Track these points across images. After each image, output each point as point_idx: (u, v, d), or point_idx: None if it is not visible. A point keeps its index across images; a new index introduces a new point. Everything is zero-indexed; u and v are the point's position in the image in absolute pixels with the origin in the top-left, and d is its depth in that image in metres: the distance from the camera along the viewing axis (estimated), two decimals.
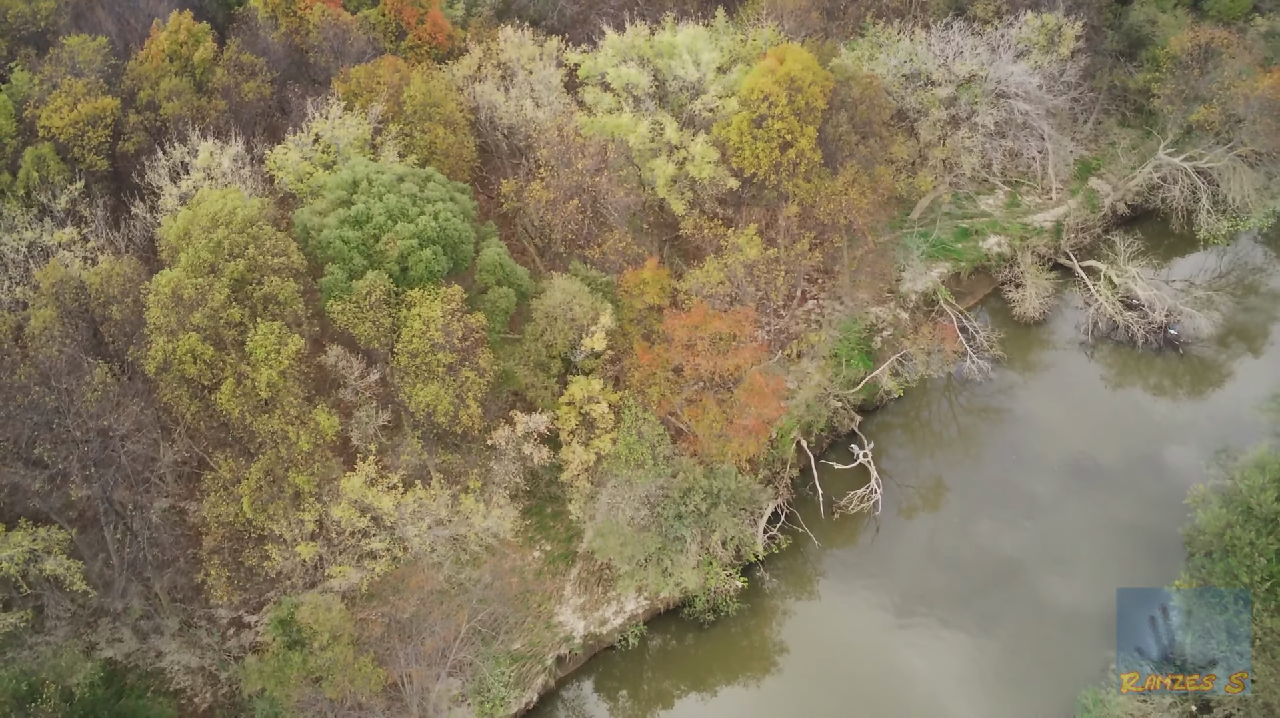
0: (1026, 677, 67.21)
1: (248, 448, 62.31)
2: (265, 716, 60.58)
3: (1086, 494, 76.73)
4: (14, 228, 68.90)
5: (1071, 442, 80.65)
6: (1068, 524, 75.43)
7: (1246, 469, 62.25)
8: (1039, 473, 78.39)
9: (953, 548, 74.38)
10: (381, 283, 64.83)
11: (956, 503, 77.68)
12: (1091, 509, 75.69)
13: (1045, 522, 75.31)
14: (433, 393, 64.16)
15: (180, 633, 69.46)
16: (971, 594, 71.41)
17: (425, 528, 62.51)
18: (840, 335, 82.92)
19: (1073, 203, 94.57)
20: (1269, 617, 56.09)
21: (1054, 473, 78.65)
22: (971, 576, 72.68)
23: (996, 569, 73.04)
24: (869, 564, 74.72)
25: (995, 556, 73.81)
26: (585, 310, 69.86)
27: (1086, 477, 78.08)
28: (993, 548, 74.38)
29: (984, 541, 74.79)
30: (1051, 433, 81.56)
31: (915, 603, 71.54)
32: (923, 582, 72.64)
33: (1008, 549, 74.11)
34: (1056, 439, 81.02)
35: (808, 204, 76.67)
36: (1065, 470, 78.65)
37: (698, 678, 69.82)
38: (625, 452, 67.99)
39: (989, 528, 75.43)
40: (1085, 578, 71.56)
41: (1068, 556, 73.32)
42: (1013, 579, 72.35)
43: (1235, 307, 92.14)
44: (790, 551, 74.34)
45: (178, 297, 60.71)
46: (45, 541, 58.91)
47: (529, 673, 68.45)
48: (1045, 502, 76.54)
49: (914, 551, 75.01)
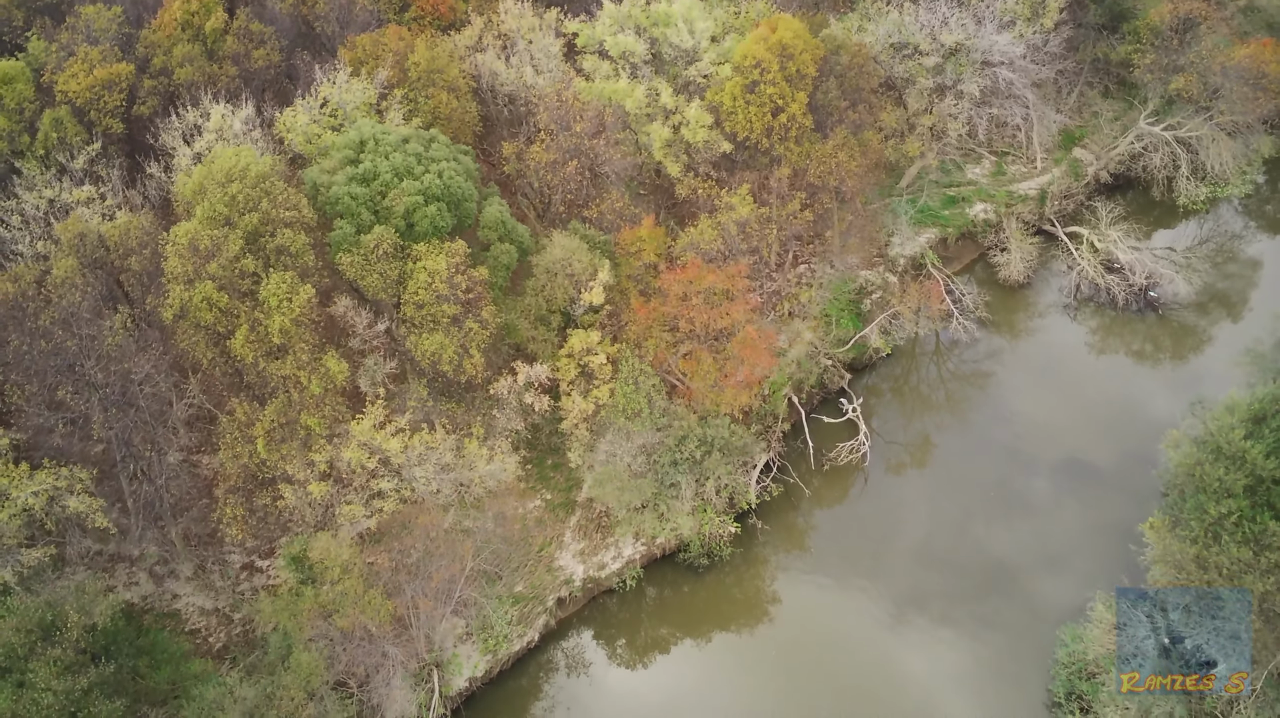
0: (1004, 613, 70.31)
1: (260, 394, 64.97)
2: (278, 649, 63.27)
3: (1069, 451, 79.64)
4: (34, 186, 71.54)
5: (1055, 402, 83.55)
6: (1050, 475, 78.42)
7: (1217, 412, 65.11)
8: (1023, 433, 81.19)
9: (939, 503, 77.23)
10: (388, 237, 67.54)
11: (943, 460, 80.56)
12: (1072, 463, 78.64)
13: (1028, 477, 78.26)
14: (437, 342, 66.91)
15: (194, 577, 72.22)
16: (956, 544, 74.38)
17: (431, 471, 65.17)
18: (830, 297, 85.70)
19: (1057, 172, 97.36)
20: (1235, 548, 58.85)
21: (1038, 432, 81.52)
22: (956, 528, 75.61)
23: (980, 519, 76.00)
24: (857, 514, 77.70)
25: (978, 508, 76.74)
26: (584, 266, 72.59)
27: (1069, 435, 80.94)
28: (976, 501, 77.29)
29: (968, 495, 77.66)
30: (1035, 394, 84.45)
31: (902, 552, 74.54)
32: (909, 534, 75.59)
33: (991, 501, 77.02)
34: (1040, 400, 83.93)
35: (799, 167, 79.40)
36: (1049, 430, 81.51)
37: (692, 622, 72.64)
38: (623, 401, 70.79)
39: (974, 483, 78.31)
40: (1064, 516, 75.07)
41: (1048, 503, 76.40)
42: (995, 529, 75.31)
43: (1216, 274, 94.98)
44: (782, 499, 77.15)
45: (194, 247, 63.40)
46: (68, 479, 61.55)
47: (531, 613, 71.24)
48: (1029, 458, 79.47)
49: (901, 503, 77.93)
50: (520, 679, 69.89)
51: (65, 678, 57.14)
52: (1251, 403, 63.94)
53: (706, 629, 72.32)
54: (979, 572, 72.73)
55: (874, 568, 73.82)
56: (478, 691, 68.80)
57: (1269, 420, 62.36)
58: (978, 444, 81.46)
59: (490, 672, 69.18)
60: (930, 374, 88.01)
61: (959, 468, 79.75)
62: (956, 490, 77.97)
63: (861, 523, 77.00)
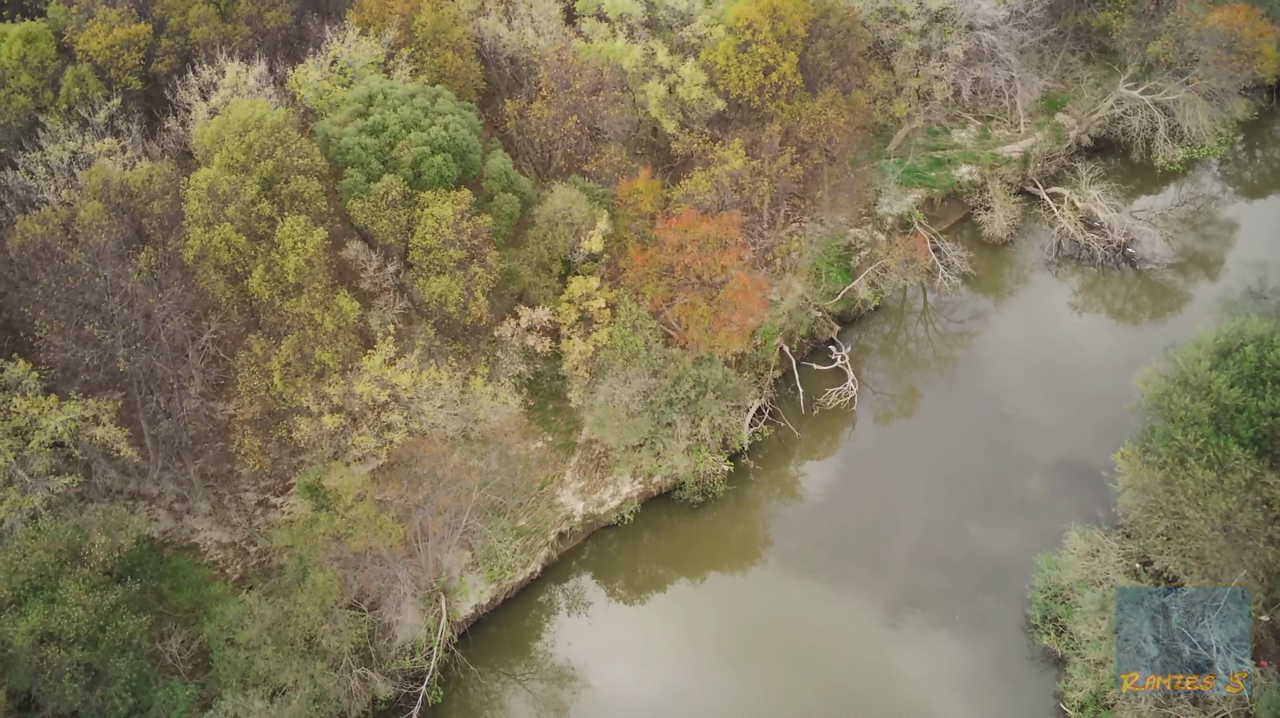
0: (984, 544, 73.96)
1: (276, 332, 68.28)
2: (293, 572, 66.60)
3: (1049, 399, 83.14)
4: (57, 139, 74.84)
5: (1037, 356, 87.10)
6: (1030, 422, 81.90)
7: (1185, 348, 68.51)
8: (1007, 384, 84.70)
9: (923, 446, 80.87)
10: (397, 185, 70.85)
11: (928, 409, 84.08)
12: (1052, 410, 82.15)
13: (1009, 424, 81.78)
14: (444, 285, 70.24)
15: (212, 514, 75.57)
16: (940, 483, 77.95)
17: (438, 404, 68.52)
18: (820, 252, 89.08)
19: (1040, 135, 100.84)
20: (1200, 471, 62.22)
21: (1020, 384, 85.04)
22: (939, 468, 79.15)
23: (962, 461, 79.52)
24: (845, 455, 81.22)
25: (960, 450, 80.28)
26: (584, 216, 75.95)
27: (1049, 385, 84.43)
28: (958, 445, 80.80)
29: (952, 440, 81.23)
30: (1018, 348, 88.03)
31: (890, 490, 78.09)
32: (894, 474, 79.26)
33: (972, 445, 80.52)
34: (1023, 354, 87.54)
35: (789, 125, 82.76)
36: (1031, 381, 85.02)
37: (687, 555, 76.05)
38: (621, 343, 74.15)
39: (957, 430, 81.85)
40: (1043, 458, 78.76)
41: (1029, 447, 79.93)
42: (977, 469, 78.91)
43: (1194, 236, 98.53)
44: (773, 440, 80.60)
45: (213, 192, 66.71)
46: (95, 409, 64.87)
47: (534, 546, 74.64)
48: (1011, 407, 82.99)
49: (886, 447, 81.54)
50: (523, 607, 73.26)
51: (93, 595, 60.54)
52: (1217, 338, 67.25)
53: (700, 563, 75.68)
54: (960, 507, 76.17)
55: (861, 504, 77.43)
56: (484, 617, 72.25)
57: (1234, 354, 65.63)
58: (962, 395, 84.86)
59: (495, 600, 72.57)
60: (918, 333, 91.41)
61: (943, 417, 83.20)
62: (940, 437, 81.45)
63: (849, 464, 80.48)
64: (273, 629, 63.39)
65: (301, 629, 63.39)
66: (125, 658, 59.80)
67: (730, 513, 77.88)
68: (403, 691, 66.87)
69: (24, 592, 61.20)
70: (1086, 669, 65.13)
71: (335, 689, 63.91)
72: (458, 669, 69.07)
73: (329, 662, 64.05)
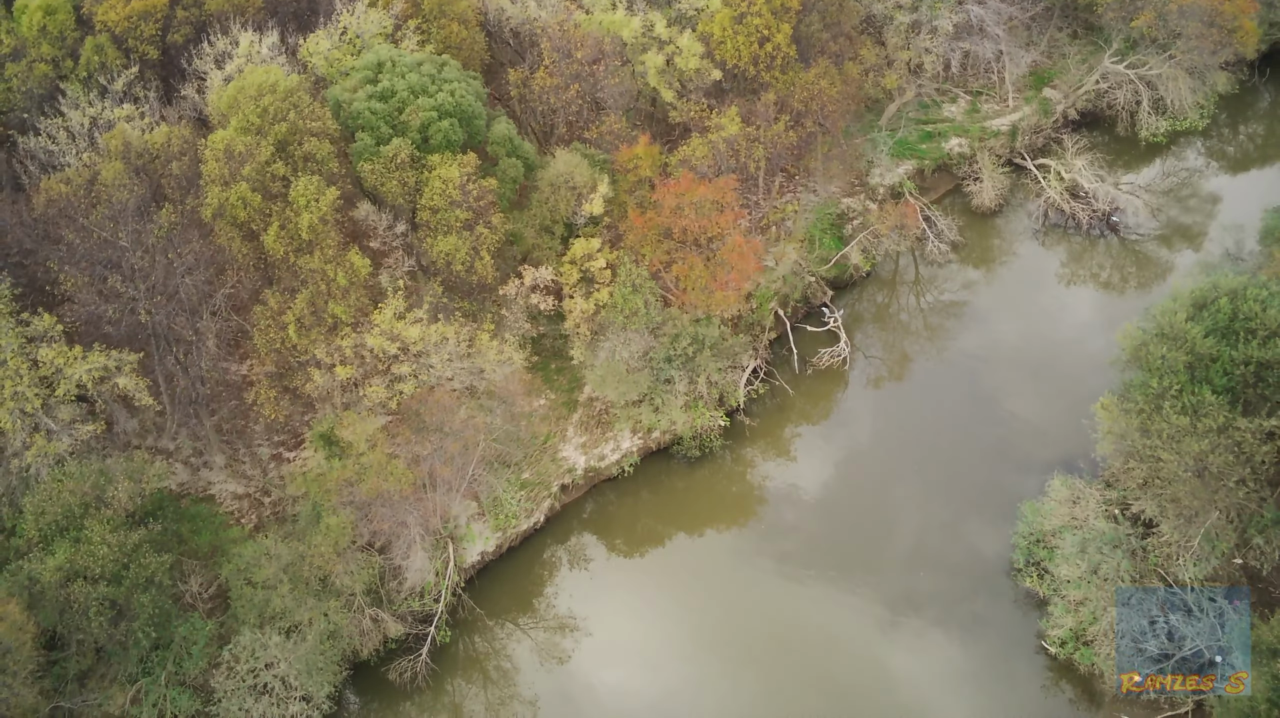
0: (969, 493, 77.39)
1: (291, 287, 71.14)
2: (308, 516, 69.46)
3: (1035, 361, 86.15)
4: (77, 106, 77.70)
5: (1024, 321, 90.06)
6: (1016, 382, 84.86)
7: (1163, 302, 71.44)
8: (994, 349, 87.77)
9: (914, 405, 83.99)
10: (406, 148, 73.68)
11: (918, 371, 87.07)
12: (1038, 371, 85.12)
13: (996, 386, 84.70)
14: (451, 244, 73.10)
15: (227, 467, 78.45)
16: (932, 442, 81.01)
17: (446, 357, 71.40)
18: (814, 219, 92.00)
19: (1027, 109, 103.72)
20: (1175, 416, 65.11)
21: (1008, 348, 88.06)
22: (929, 424, 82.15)
23: (950, 417, 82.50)
24: (838, 412, 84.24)
25: (949, 408, 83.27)
26: (585, 180, 78.85)
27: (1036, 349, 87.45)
28: (947, 405, 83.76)
29: (941, 400, 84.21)
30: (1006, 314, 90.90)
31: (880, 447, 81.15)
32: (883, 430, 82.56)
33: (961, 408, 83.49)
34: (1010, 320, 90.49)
35: (783, 95, 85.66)
36: (1018, 345, 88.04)
37: (685, 509, 78.94)
38: (621, 302, 77.03)
39: (946, 390, 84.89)
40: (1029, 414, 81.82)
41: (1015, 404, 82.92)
42: (965, 423, 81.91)
43: (1178, 209, 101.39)
44: (768, 398, 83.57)
45: (229, 152, 69.58)
46: (118, 359, 67.72)
47: (537, 497, 77.54)
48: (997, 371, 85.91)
49: (877, 406, 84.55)
50: (527, 556, 76.14)
51: (117, 534, 63.41)
52: (1193, 292, 70.13)
53: (698, 516, 78.57)
54: (948, 463, 79.13)
55: (851, 460, 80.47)
56: (489, 564, 75.15)
57: (1208, 306, 68.54)
58: (951, 358, 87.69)
59: (500, 547, 75.49)
60: (910, 303, 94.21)
61: (933, 378, 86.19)
62: (929, 397, 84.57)
63: (840, 422, 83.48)
64: (289, 569, 66.24)
65: (316, 569, 66.24)
66: (148, 594, 62.61)
67: (726, 468, 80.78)
68: (412, 631, 69.86)
69: (51, 532, 64.17)
70: (1066, 608, 68.15)
71: (348, 628, 66.83)
72: (465, 612, 71.99)
73: (342, 602, 66.96)
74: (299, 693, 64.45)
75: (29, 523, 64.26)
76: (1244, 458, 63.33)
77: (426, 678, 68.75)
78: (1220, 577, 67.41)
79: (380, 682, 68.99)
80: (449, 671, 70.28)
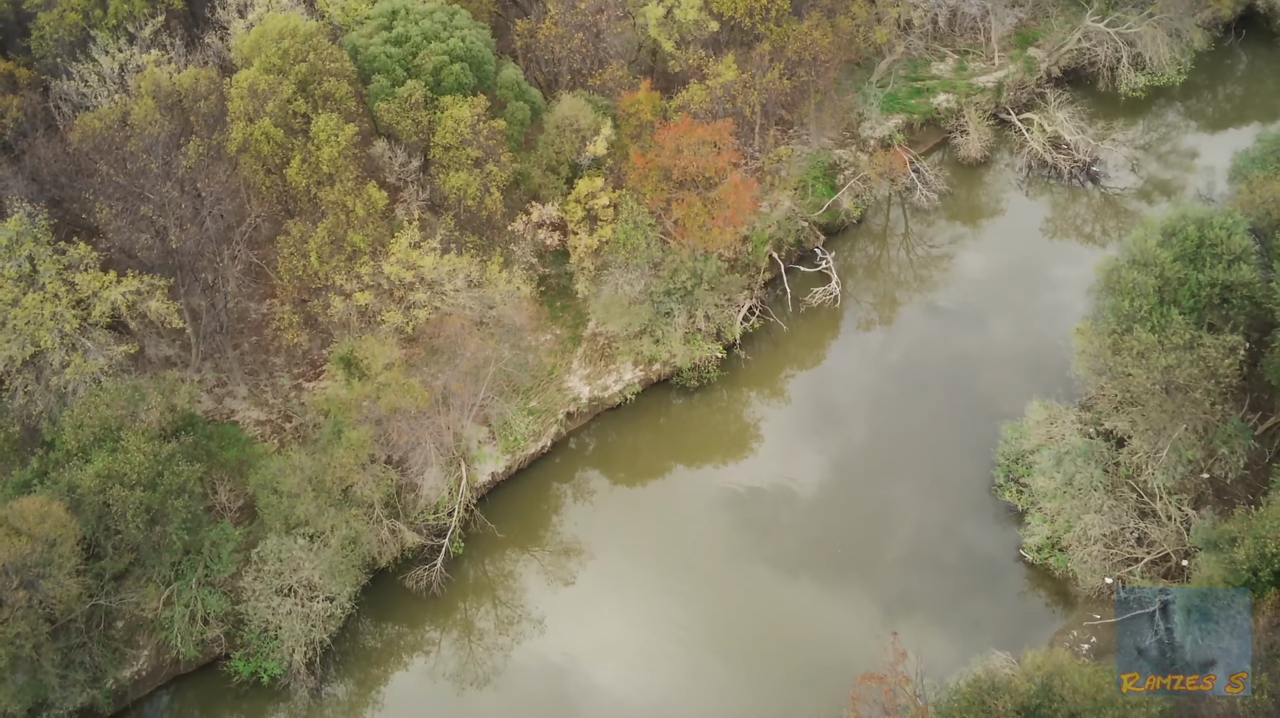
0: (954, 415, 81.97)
1: (311, 219, 75.31)
2: (329, 433, 73.60)
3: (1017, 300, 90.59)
4: (107, 51, 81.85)
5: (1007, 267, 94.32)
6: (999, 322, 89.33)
7: (1135, 231, 75.73)
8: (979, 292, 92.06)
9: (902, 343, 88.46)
10: (419, 89, 77.88)
11: (906, 312, 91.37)
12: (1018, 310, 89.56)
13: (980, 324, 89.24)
14: (462, 179, 77.31)
15: (249, 396, 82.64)
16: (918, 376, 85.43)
17: (459, 284, 75.62)
18: (807, 166, 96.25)
19: (1012, 67, 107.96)
20: (1145, 334, 69.40)
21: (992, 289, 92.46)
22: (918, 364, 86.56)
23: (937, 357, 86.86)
24: (829, 347, 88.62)
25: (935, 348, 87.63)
26: (589, 122, 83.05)
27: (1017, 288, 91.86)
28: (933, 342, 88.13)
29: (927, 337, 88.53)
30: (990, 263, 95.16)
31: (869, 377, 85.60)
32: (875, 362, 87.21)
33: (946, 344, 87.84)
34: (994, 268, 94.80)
35: (778, 44, 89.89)
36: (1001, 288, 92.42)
37: (684, 436, 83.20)
38: (623, 237, 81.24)
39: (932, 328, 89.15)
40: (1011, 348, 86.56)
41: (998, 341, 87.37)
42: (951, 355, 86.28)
43: (1158, 165, 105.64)
44: (762, 333, 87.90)
45: (253, 90, 73.76)
46: (150, 284, 71.88)
47: (544, 424, 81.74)
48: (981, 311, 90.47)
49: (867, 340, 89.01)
50: (534, 479, 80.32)
51: (152, 444, 67.60)
52: (1163, 221, 74.43)
53: (696, 442, 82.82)
54: (932, 394, 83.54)
55: (842, 388, 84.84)
56: (500, 484, 79.34)
57: (1177, 234, 72.81)
58: (938, 299, 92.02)
59: (510, 469, 79.70)
60: (899, 252, 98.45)
61: (919, 318, 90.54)
62: (917, 335, 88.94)
63: (831, 356, 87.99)
64: (312, 479, 70.34)
65: (338, 480, 70.34)
66: (181, 500, 66.80)
67: (723, 398, 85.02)
68: (428, 543, 74.02)
69: (89, 444, 68.31)
70: (1043, 518, 72.50)
71: (367, 536, 70.97)
72: (477, 526, 76.13)
73: (362, 512, 71.11)
74: (323, 595, 68.67)
75: (68, 435, 68.32)
76: (1208, 371, 67.51)
77: (441, 587, 72.97)
78: (1188, 489, 71.80)
79: (398, 589, 73.20)
80: (461, 582, 74.42)
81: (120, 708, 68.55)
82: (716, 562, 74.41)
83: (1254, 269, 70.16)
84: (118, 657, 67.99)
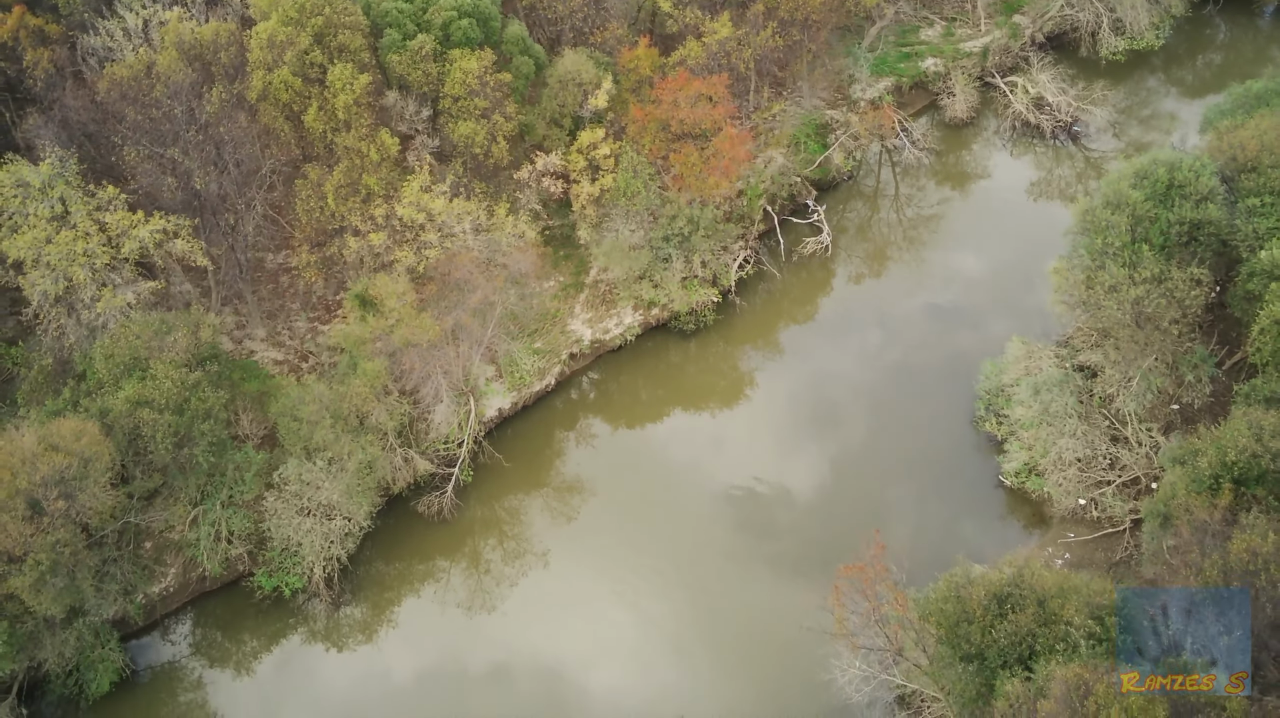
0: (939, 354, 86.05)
1: (328, 164, 79.32)
2: (345, 367, 77.62)
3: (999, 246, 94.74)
4: (131, 8, 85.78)
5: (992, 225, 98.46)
6: (980, 269, 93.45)
7: (1109, 175, 79.81)
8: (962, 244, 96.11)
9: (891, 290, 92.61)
10: (429, 43, 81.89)
11: (894, 263, 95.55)
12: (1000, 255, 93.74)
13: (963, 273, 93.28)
14: (470, 128, 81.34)
15: (267, 339, 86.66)
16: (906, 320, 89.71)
17: (468, 226, 79.69)
18: (799, 124, 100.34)
19: (998, 33, 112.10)
20: (1117, 269, 73.45)
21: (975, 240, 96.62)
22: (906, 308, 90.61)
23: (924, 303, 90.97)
24: (820, 295, 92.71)
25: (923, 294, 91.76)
26: (591, 77, 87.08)
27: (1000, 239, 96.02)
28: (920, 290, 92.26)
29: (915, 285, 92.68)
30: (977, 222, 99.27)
31: (859, 319, 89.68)
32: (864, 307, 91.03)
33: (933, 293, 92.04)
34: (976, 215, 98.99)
35: (771, 6, 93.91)
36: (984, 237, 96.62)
37: (681, 376, 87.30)
38: (623, 184, 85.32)
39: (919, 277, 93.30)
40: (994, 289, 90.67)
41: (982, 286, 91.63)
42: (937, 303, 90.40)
43: (1139, 129, 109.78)
44: (756, 280, 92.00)
45: (272, 41, 77.74)
46: (176, 224, 75.90)
47: (548, 364, 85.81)
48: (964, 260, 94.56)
49: (857, 289, 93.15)
50: (539, 416, 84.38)
51: (180, 372, 71.58)
52: (1136, 165, 78.51)
53: (691, 383, 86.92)
54: (919, 334, 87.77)
55: (832, 332, 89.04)
56: (507, 418, 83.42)
57: (1149, 175, 76.88)
58: (924, 250, 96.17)
59: (516, 405, 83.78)
60: (888, 211, 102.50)
61: (907, 267, 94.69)
62: (905, 282, 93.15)
63: (822, 303, 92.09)
64: (330, 408, 74.34)
65: (355, 408, 74.37)
66: (207, 424, 70.70)
67: (717, 340, 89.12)
68: (439, 472, 78.08)
69: (119, 373, 72.28)
70: (1021, 445, 76.62)
71: (382, 463, 74.98)
72: (485, 457, 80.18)
73: (377, 438, 75.12)
74: (341, 514, 72.71)
75: (99, 364, 72.27)
76: (1176, 302, 71.60)
77: (451, 512, 76.99)
78: (1158, 418, 75.93)
79: (411, 514, 77.27)
80: (470, 510, 78.37)
81: (150, 621, 72.70)
82: (702, 499, 78.17)
83: (1220, 209, 74.23)
84: (147, 573, 72.00)
